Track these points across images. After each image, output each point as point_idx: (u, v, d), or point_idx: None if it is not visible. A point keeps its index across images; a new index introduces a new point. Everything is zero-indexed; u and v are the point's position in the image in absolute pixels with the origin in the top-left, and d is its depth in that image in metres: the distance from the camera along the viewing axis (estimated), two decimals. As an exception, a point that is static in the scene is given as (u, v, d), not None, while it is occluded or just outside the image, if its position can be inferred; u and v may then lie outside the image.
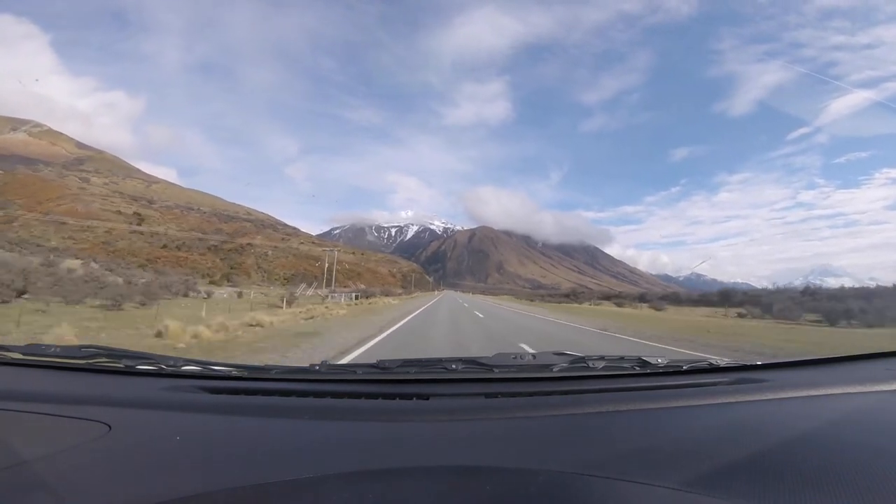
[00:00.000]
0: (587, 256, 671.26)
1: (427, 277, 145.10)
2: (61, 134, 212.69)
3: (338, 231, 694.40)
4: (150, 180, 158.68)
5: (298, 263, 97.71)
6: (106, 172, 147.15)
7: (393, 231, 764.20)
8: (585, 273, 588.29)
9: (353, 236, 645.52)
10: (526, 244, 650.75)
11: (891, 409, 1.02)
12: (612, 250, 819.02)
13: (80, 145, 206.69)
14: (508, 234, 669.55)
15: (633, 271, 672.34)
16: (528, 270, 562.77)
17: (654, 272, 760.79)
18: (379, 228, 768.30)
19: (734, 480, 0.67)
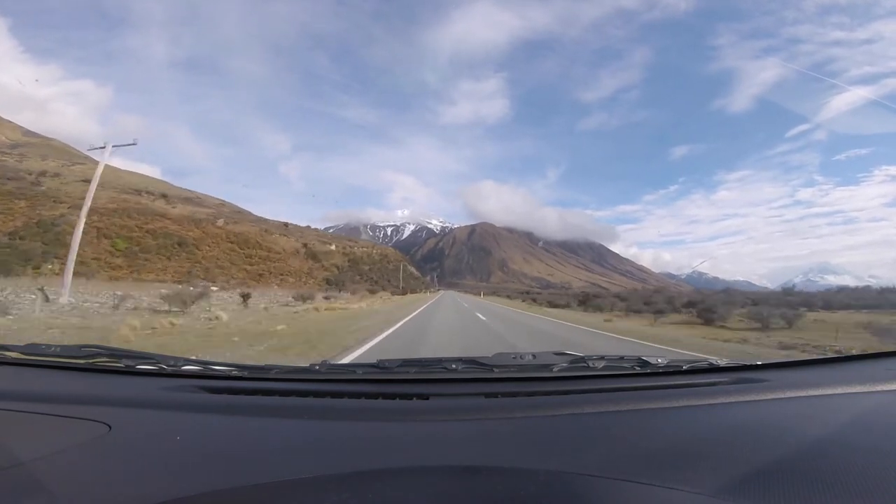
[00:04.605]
0: (593, 254, 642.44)
1: (411, 268, 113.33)
2: (9, 122, 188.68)
3: (331, 230, 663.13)
4: (76, 162, 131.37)
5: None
6: (35, 156, 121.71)
7: (389, 230, 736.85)
8: (594, 271, 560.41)
9: (348, 235, 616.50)
10: (529, 241, 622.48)
11: (891, 409, 1.02)
12: (615, 248, 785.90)
13: (27, 133, 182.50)
14: (510, 230, 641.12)
15: (641, 269, 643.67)
16: (533, 268, 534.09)
17: (656, 270, 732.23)
18: (374, 227, 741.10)
19: (735, 480, 0.67)
